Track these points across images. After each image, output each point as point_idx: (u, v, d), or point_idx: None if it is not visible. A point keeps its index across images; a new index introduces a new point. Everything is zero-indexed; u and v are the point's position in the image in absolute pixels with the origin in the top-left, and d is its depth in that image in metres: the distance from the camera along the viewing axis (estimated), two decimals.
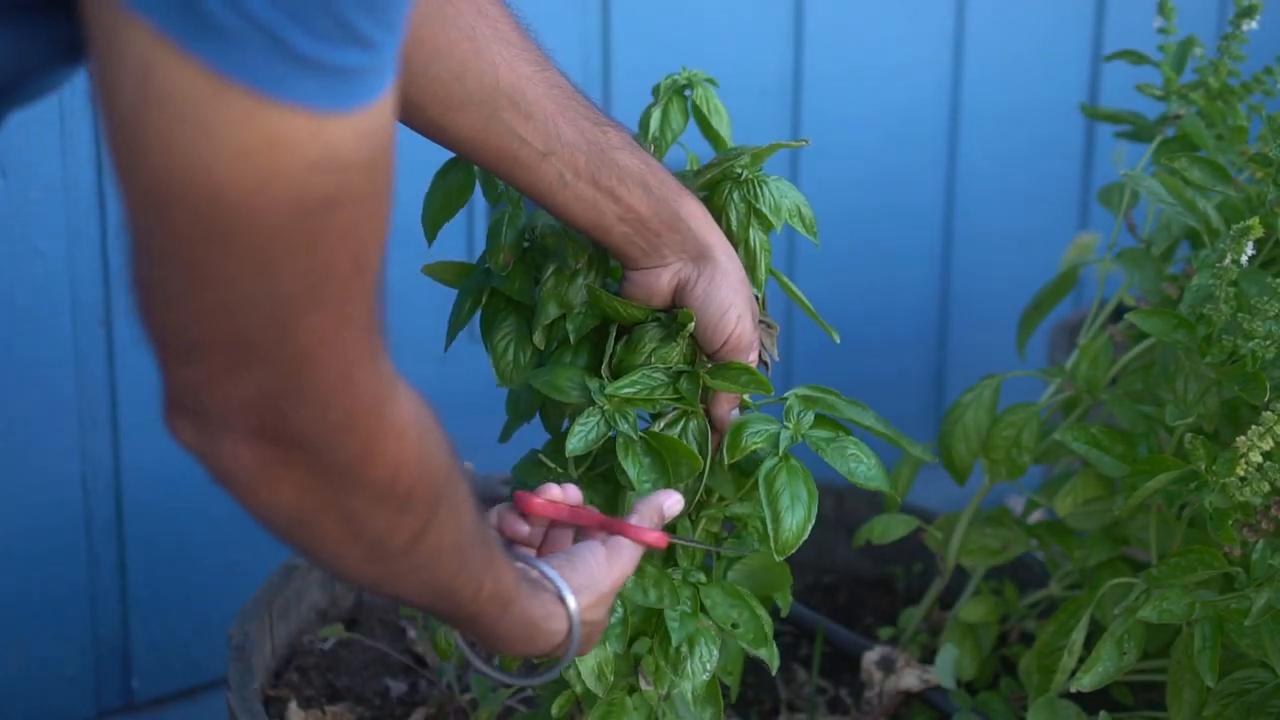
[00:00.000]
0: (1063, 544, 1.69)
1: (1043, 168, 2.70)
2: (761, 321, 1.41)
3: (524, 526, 1.27)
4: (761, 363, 1.41)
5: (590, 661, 1.36)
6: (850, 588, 1.98)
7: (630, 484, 1.33)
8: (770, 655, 1.41)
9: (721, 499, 1.41)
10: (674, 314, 1.35)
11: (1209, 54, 1.74)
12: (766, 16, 2.36)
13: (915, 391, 2.69)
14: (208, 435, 0.92)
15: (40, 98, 0.93)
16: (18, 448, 1.96)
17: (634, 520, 1.28)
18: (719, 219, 1.38)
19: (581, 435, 1.33)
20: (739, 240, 1.38)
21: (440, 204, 1.42)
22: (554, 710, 1.40)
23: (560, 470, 1.39)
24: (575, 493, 1.29)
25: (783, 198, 1.39)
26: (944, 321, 2.68)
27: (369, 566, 1.05)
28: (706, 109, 1.45)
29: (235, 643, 1.60)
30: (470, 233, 2.19)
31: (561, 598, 1.21)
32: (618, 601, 1.37)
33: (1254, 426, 1.38)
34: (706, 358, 1.36)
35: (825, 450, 1.36)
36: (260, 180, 0.81)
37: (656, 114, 1.44)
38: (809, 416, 1.37)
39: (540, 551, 1.29)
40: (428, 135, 1.26)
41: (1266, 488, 1.39)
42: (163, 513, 2.06)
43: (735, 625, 1.40)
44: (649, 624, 1.41)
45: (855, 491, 1.95)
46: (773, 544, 1.33)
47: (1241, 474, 1.39)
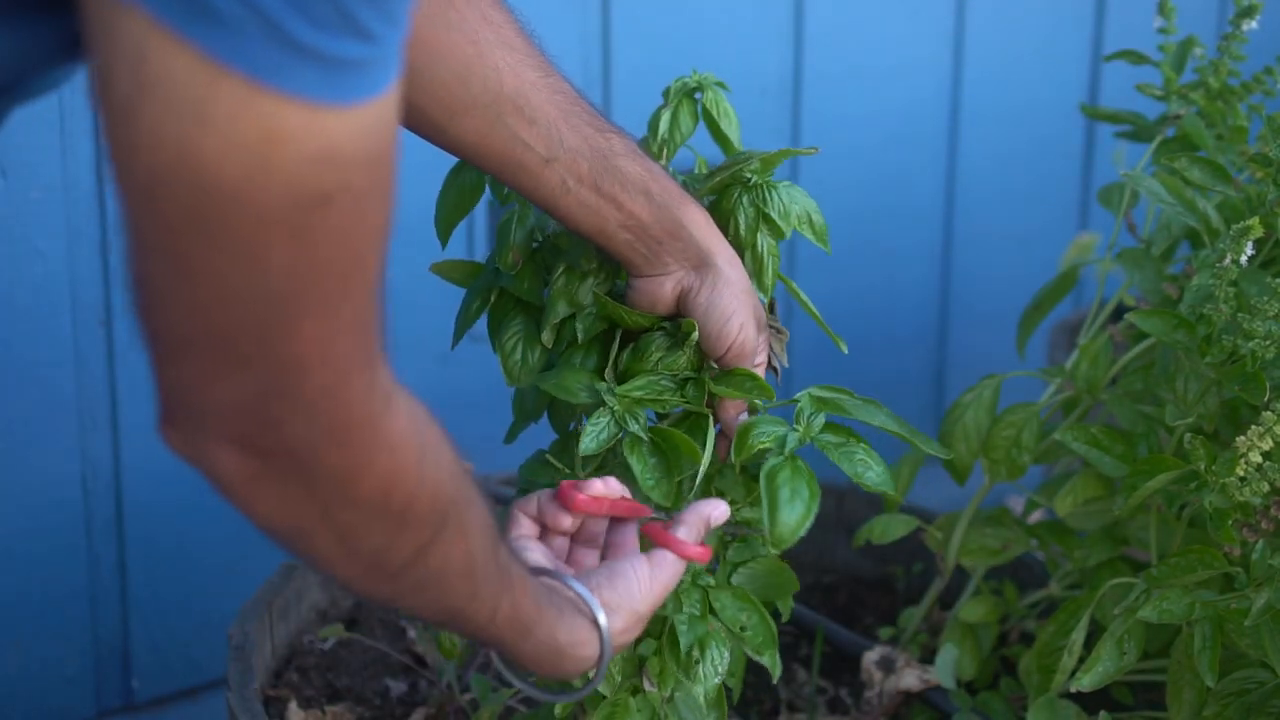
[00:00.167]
0: (1063, 544, 1.69)
1: (1043, 168, 2.70)
2: (771, 327, 1.41)
3: (566, 519, 1.25)
4: (770, 368, 1.41)
5: None
6: (850, 588, 1.98)
7: (634, 480, 1.33)
8: (773, 662, 1.40)
9: (733, 502, 1.40)
10: (679, 323, 1.35)
11: (1209, 54, 1.74)
12: (766, 16, 2.36)
13: (915, 391, 2.69)
14: (197, 442, 0.90)
15: (43, 94, 0.92)
16: (18, 448, 1.96)
17: (681, 533, 1.26)
18: (727, 223, 1.37)
19: (594, 435, 1.32)
20: (746, 245, 1.38)
21: (453, 203, 1.41)
22: (557, 710, 1.40)
23: (567, 471, 1.39)
24: (616, 485, 1.27)
25: (792, 203, 1.38)
26: (944, 321, 2.68)
27: (371, 582, 1.03)
28: (716, 112, 1.44)
29: (235, 643, 1.60)
30: (470, 232, 2.19)
31: (595, 622, 1.18)
32: None
33: (1254, 426, 1.38)
34: (715, 364, 1.36)
35: (834, 453, 1.34)
36: (253, 171, 0.79)
37: (666, 116, 1.44)
38: (820, 419, 1.35)
39: (575, 540, 1.28)
40: (432, 140, 1.26)
41: (1266, 488, 1.39)
42: (163, 513, 2.06)
43: (744, 629, 1.39)
44: (655, 625, 1.41)
45: (855, 491, 1.95)
46: (769, 535, 1.31)
47: (1241, 474, 1.39)
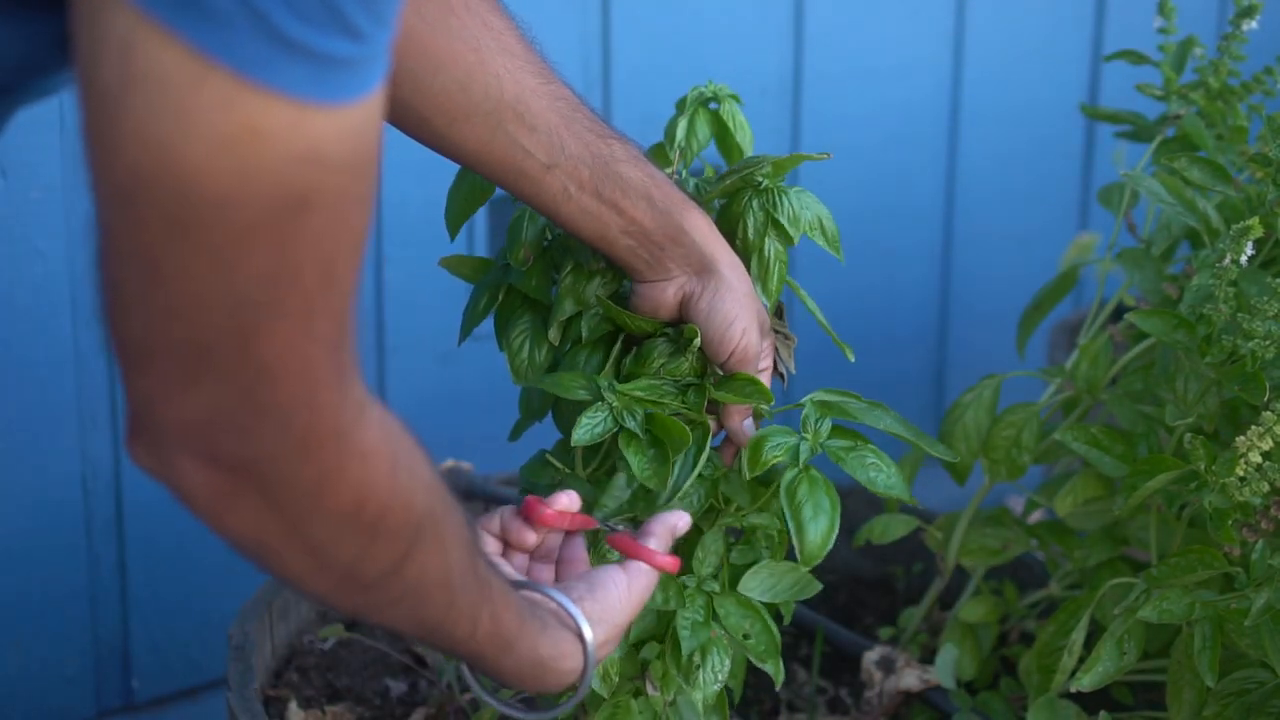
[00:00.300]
0: (1063, 544, 1.69)
1: (1043, 168, 2.70)
2: (778, 333, 1.40)
3: (531, 535, 1.23)
4: (778, 374, 1.40)
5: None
6: (850, 588, 1.98)
7: (631, 475, 1.33)
8: (776, 670, 1.40)
9: (739, 509, 1.40)
10: (681, 329, 1.34)
11: (1209, 54, 1.74)
12: (766, 16, 2.36)
13: (915, 391, 2.69)
14: (164, 456, 0.89)
15: (47, 96, 0.92)
16: (18, 448, 1.96)
17: (651, 543, 1.25)
18: (736, 227, 1.37)
19: (588, 428, 1.31)
20: (753, 250, 1.37)
21: (464, 199, 1.41)
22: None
23: (568, 471, 1.38)
24: (576, 498, 1.26)
25: (803, 209, 1.37)
26: (944, 321, 2.68)
27: (345, 596, 1.02)
28: (732, 124, 1.44)
29: (235, 643, 1.60)
30: (471, 230, 2.19)
31: (580, 635, 1.16)
32: None
33: (1254, 426, 1.38)
34: (718, 370, 1.36)
35: (845, 460, 1.35)
36: (236, 169, 0.78)
37: (683, 124, 1.44)
38: (826, 425, 1.35)
39: (534, 556, 1.26)
40: (434, 147, 1.26)
41: (1266, 488, 1.39)
42: (163, 513, 2.06)
43: (747, 636, 1.39)
44: (659, 628, 1.41)
45: (856, 491, 1.94)
46: (799, 554, 1.33)
47: (1241, 474, 1.39)
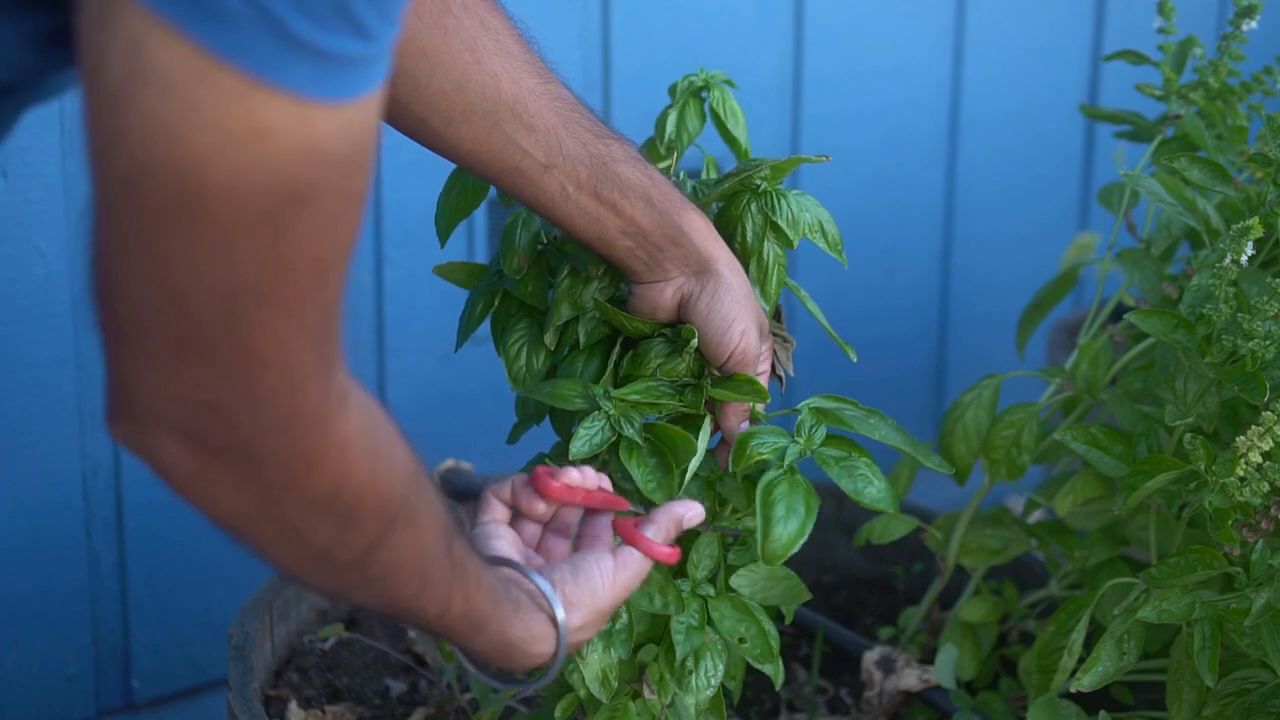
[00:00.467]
0: (1063, 544, 1.69)
1: (1043, 168, 2.70)
2: (776, 335, 1.40)
3: (540, 505, 1.25)
4: (776, 377, 1.40)
5: (594, 667, 1.35)
6: (850, 588, 1.98)
7: (634, 487, 1.32)
8: (775, 671, 1.40)
9: (735, 510, 1.40)
10: (679, 329, 1.34)
11: (1209, 54, 1.74)
12: (766, 16, 2.36)
13: (915, 391, 2.69)
14: (146, 434, 0.91)
15: (54, 96, 0.93)
16: (18, 448, 1.96)
17: (650, 531, 1.25)
18: (735, 230, 1.37)
19: (586, 439, 1.31)
20: (752, 253, 1.37)
21: (455, 203, 1.41)
22: (557, 713, 1.40)
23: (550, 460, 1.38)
24: (593, 477, 1.26)
25: (803, 212, 1.37)
26: (944, 321, 2.68)
27: (319, 577, 1.03)
28: (723, 111, 1.43)
29: (235, 643, 1.60)
30: (471, 233, 2.19)
31: (553, 620, 1.17)
32: (622, 607, 1.34)
33: (1254, 426, 1.38)
34: (716, 371, 1.36)
35: (832, 468, 1.33)
36: (240, 165, 0.80)
37: (673, 116, 1.43)
38: (821, 431, 1.34)
39: (548, 529, 1.27)
40: (432, 148, 1.26)
41: (1266, 488, 1.39)
42: (163, 512, 2.06)
43: (742, 640, 1.39)
44: (656, 631, 1.40)
45: None
46: (760, 552, 1.30)
47: (1241, 474, 1.39)
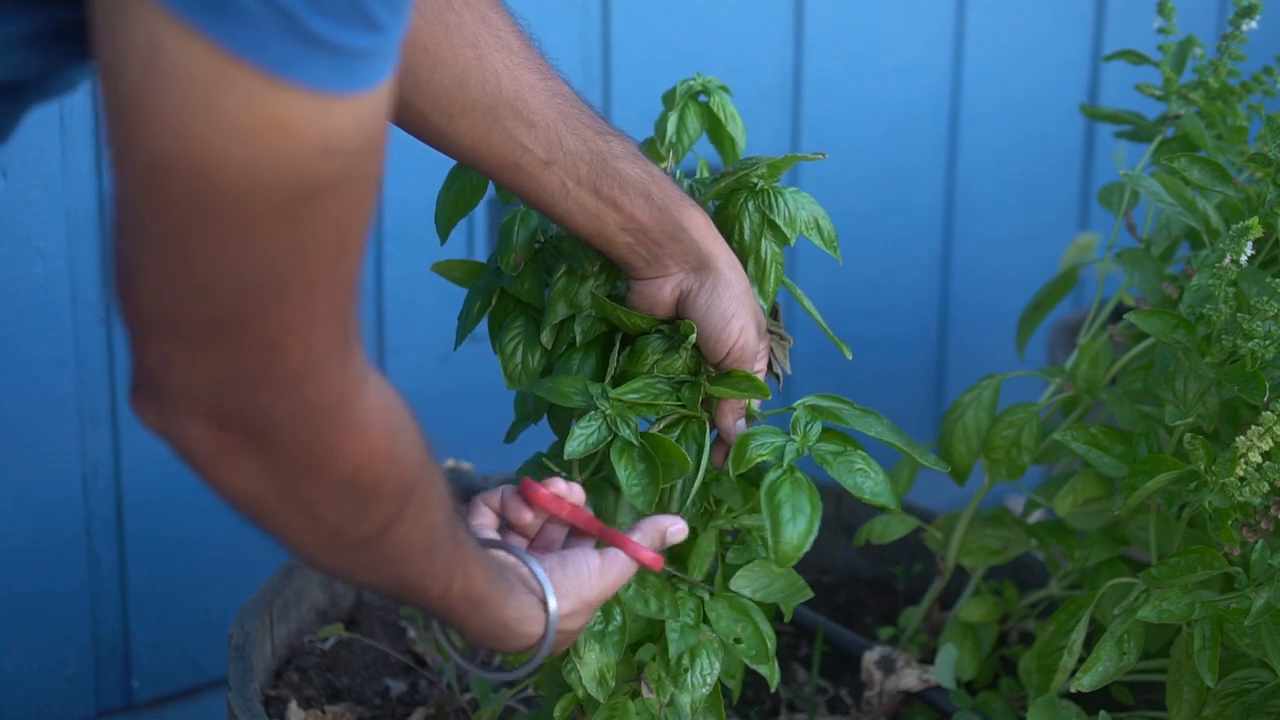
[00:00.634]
0: (1063, 544, 1.69)
1: (1043, 167, 2.70)
2: (773, 333, 1.40)
3: (527, 514, 1.27)
4: (773, 375, 1.40)
5: (592, 667, 1.35)
6: (850, 588, 1.98)
7: (621, 488, 1.32)
8: (771, 672, 1.40)
9: (730, 510, 1.40)
10: (677, 325, 1.34)
11: (1209, 54, 1.74)
12: (766, 16, 2.36)
13: (915, 390, 2.69)
14: (171, 416, 0.92)
15: (60, 95, 0.94)
16: (18, 448, 1.96)
17: (635, 537, 1.28)
18: (732, 229, 1.37)
19: (582, 439, 1.31)
20: (750, 251, 1.37)
21: (454, 201, 1.41)
22: (556, 712, 1.40)
23: (564, 475, 1.38)
24: (579, 492, 1.29)
25: (799, 209, 1.37)
26: (944, 321, 2.68)
27: (332, 556, 1.05)
28: (723, 116, 1.43)
29: (235, 643, 1.60)
30: (471, 231, 2.19)
31: (544, 601, 1.21)
32: (616, 608, 1.36)
33: (1254, 426, 1.38)
34: (712, 368, 1.36)
35: (831, 464, 1.34)
36: (258, 160, 0.81)
37: (673, 119, 1.43)
38: (816, 428, 1.34)
39: (532, 546, 1.29)
40: (432, 144, 1.26)
41: (1266, 488, 1.39)
42: (163, 512, 2.06)
43: (738, 640, 1.39)
44: (654, 631, 1.40)
45: None
46: (773, 555, 1.31)
47: (1241, 474, 1.39)
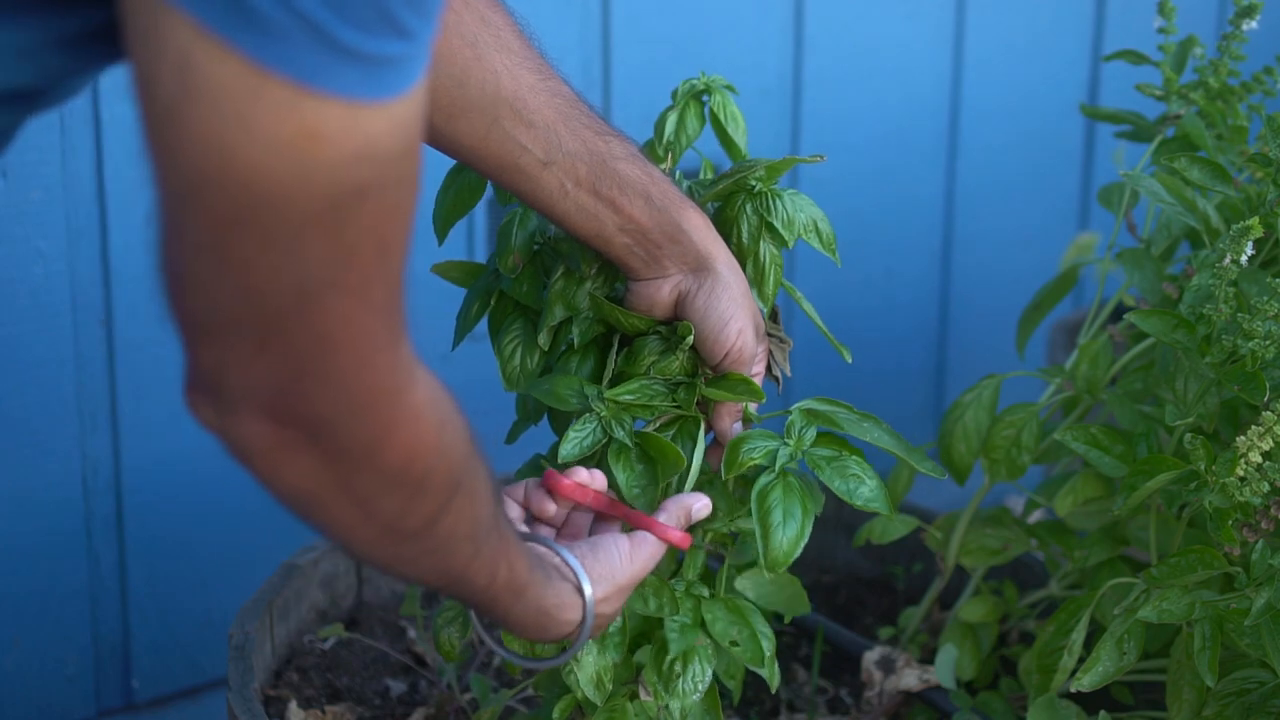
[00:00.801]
0: (1063, 544, 1.69)
1: (1043, 167, 2.70)
2: (773, 336, 1.40)
3: (551, 505, 1.28)
4: (772, 377, 1.40)
5: (589, 669, 1.35)
6: (850, 588, 1.98)
7: (619, 489, 1.32)
8: (771, 674, 1.40)
9: (724, 514, 1.39)
10: (675, 327, 1.34)
11: (1209, 54, 1.74)
12: (766, 16, 2.36)
13: (915, 389, 2.69)
14: (226, 415, 0.93)
15: (68, 99, 0.94)
16: (18, 448, 1.96)
17: (661, 518, 1.29)
18: (731, 231, 1.37)
19: (576, 441, 1.31)
20: (749, 253, 1.37)
21: (453, 202, 1.41)
22: (556, 713, 1.40)
23: (558, 465, 1.38)
24: (602, 478, 1.29)
25: (798, 212, 1.37)
26: (944, 320, 2.68)
27: (383, 548, 1.06)
28: (724, 116, 1.43)
29: (235, 643, 1.60)
30: (470, 232, 2.18)
31: (580, 588, 1.22)
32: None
33: (1254, 426, 1.38)
34: (709, 370, 1.36)
35: (823, 469, 1.33)
36: (296, 171, 0.82)
37: (673, 118, 1.43)
38: (811, 433, 1.34)
39: (559, 535, 1.30)
40: (430, 143, 1.26)
41: (1266, 488, 1.39)
42: (163, 512, 2.06)
43: (735, 644, 1.39)
44: (652, 632, 1.40)
45: None
46: (762, 560, 1.31)
47: (1241, 474, 1.39)
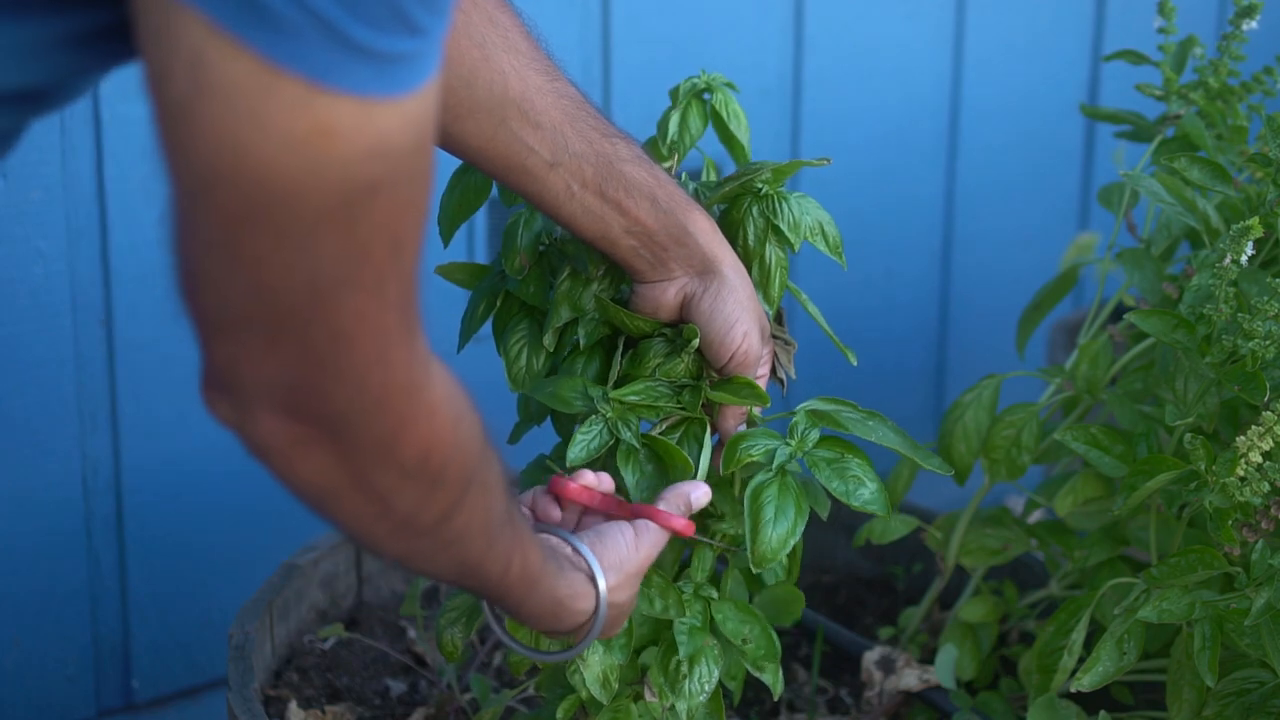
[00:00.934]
0: (1063, 544, 1.69)
1: (1043, 167, 2.70)
2: (778, 338, 1.40)
3: (557, 511, 1.28)
4: (776, 380, 1.40)
5: (595, 669, 1.35)
6: (850, 588, 1.98)
7: (626, 493, 1.32)
8: (774, 679, 1.40)
9: (722, 516, 1.39)
10: (680, 329, 1.34)
11: (1209, 54, 1.74)
12: (766, 16, 2.36)
13: (915, 389, 2.69)
14: (243, 411, 0.94)
15: (74, 99, 0.94)
16: (18, 448, 1.96)
17: (661, 507, 1.29)
18: (736, 233, 1.37)
19: (584, 443, 1.31)
20: (754, 256, 1.37)
21: (458, 203, 1.40)
22: (559, 714, 1.40)
23: (567, 475, 1.38)
24: (608, 480, 1.29)
25: (804, 215, 1.37)
26: (944, 320, 2.68)
27: (399, 543, 1.06)
28: (726, 114, 1.43)
29: (235, 643, 1.60)
30: (471, 234, 2.19)
31: (592, 577, 1.22)
32: None
33: (1254, 426, 1.38)
34: (715, 373, 1.36)
35: (822, 470, 1.33)
36: (309, 168, 0.82)
37: (675, 118, 1.42)
38: (814, 434, 1.34)
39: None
40: (436, 143, 1.26)
41: (1266, 488, 1.39)
42: (163, 512, 2.06)
43: (746, 641, 1.39)
44: (659, 633, 1.40)
45: None
46: (750, 555, 1.30)
47: (1241, 474, 1.39)
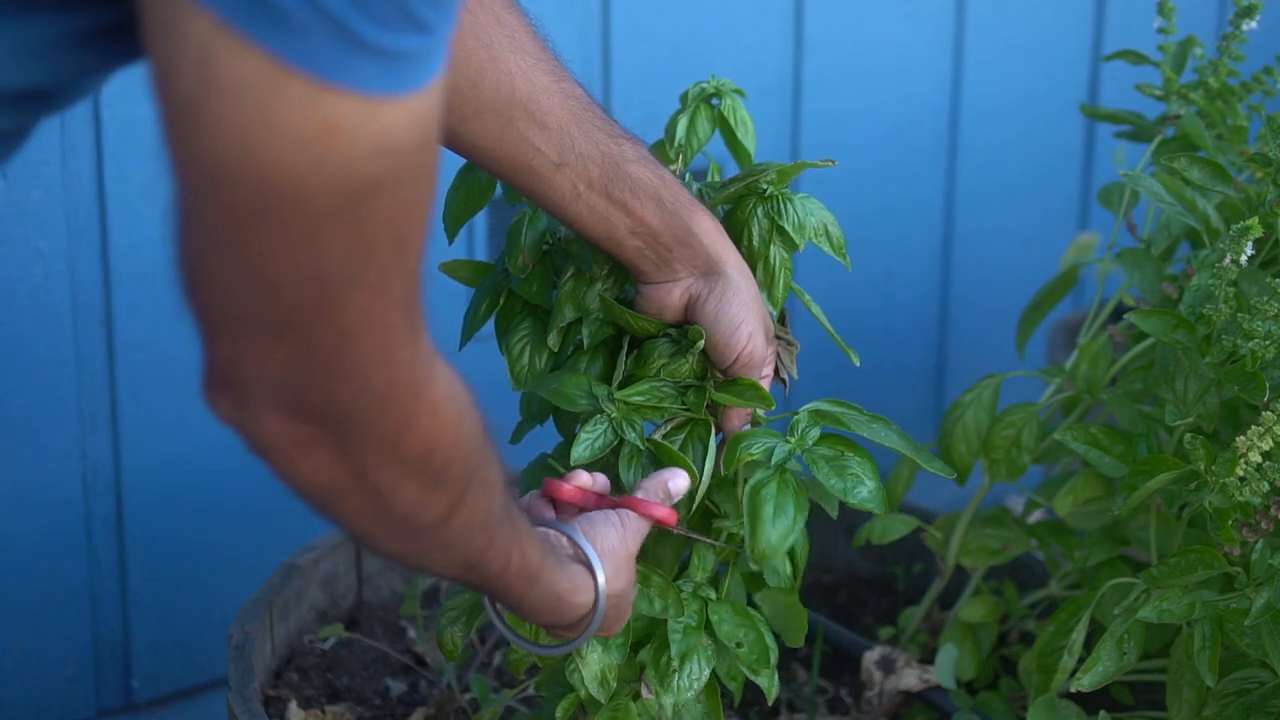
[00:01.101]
0: (1063, 544, 1.69)
1: (1043, 167, 2.70)
2: (781, 339, 1.40)
3: (551, 514, 1.28)
4: (779, 380, 1.40)
5: (594, 667, 1.35)
6: (850, 588, 1.98)
7: (625, 492, 1.32)
8: (769, 684, 1.40)
9: (725, 515, 1.39)
10: (685, 330, 1.34)
11: (1209, 54, 1.74)
12: (766, 16, 2.36)
13: (915, 389, 2.69)
14: (245, 409, 0.93)
15: (79, 99, 0.94)
16: (18, 448, 1.96)
17: (640, 495, 1.29)
18: (741, 234, 1.37)
19: (588, 443, 1.31)
20: (759, 257, 1.37)
21: (463, 201, 1.41)
22: (558, 713, 1.40)
23: (565, 473, 1.38)
24: (604, 480, 1.29)
25: (808, 215, 1.37)
26: (944, 320, 2.68)
27: (401, 540, 1.07)
28: (733, 120, 1.43)
29: (235, 643, 1.60)
30: (471, 232, 2.19)
31: (591, 569, 1.22)
32: None
33: (1254, 426, 1.38)
34: (719, 374, 1.35)
35: (821, 467, 1.32)
36: (316, 165, 0.82)
37: (683, 121, 1.43)
38: (814, 433, 1.34)
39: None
40: (443, 143, 1.26)
41: (1266, 488, 1.39)
42: (163, 512, 2.06)
43: (740, 645, 1.39)
44: (656, 632, 1.40)
45: None
46: (750, 551, 1.30)
47: (1241, 474, 1.39)
